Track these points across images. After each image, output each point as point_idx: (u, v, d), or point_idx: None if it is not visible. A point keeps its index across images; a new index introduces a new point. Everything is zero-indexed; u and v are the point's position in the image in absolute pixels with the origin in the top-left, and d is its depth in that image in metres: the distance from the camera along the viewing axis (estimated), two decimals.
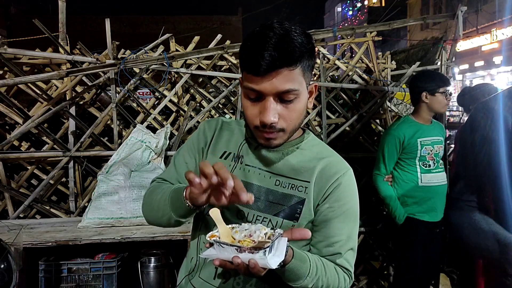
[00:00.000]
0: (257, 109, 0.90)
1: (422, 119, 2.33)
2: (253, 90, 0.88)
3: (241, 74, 0.95)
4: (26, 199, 2.60)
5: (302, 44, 0.86)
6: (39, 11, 15.49)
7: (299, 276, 0.85)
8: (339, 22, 30.27)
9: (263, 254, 0.73)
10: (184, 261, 1.12)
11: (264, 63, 0.83)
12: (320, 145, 1.06)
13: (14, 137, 2.61)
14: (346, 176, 0.99)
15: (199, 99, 2.93)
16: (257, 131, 0.93)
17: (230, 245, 0.75)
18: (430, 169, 2.29)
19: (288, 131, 0.93)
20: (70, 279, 2.25)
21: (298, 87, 0.88)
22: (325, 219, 0.96)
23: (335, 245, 0.95)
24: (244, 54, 0.88)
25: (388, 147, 2.32)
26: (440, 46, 3.03)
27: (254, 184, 0.99)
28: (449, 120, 8.34)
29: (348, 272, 0.97)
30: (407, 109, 3.15)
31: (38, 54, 2.67)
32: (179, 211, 0.90)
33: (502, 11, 12.76)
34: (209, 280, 0.99)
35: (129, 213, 2.36)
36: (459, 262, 2.72)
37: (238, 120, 1.11)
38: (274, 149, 1.00)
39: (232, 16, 15.36)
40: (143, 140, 2.61)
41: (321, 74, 2.95)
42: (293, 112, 0.91)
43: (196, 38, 2.92)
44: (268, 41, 0.83)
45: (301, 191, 0.97)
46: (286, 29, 0.86)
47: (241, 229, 0.80)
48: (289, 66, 0.85)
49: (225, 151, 1.04)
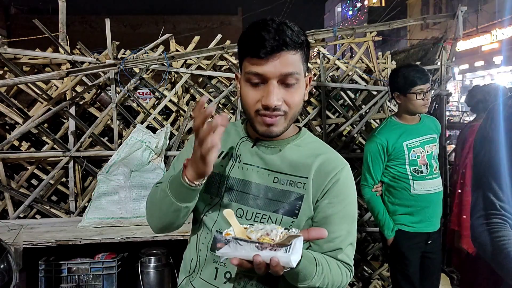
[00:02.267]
0: (259, 94, 0.92)
1: (405, 119, 2.15)
2: (256, 74, 0.90)
3: (240, 65, 0.98)
4: (26, 199, 2.60)
5: (300, 32, 0.92)
6: (39, 11, 15.51)
7: (307, 276, 0.86)
8: (339, 22, 30.27)
9: (285, 252, 0.73)
10: (182, 262, 1.12)
11: (268, 45, 0.87)
12: (317, 141, 1.07)
13: (14, 137, 2.61)
14: (344, 172, 1.00)
15: (199, 99, 2.93)
16: (258, 115, 0.93)
17: (251, 242, 0.75)
18: (423, 176, 2.10)
19: (288, 117, 0.95)
20: (70, 279, 2.25)
21: (299, 71, 0.92)
22: (325, 215, 0.97)
23: (335, 240, 0.96)
24: (246, 40, 0.92)
25: (371, 155, 2.14)
26: (440, 45, 3.03)
27: (253, 182, 1.00)
28: (450, 120, 8.34)
29: (349, 267, 0.98)
30: None
31: (38, 54, 2.67)
32: (181, 195, 0.91)
33: (502, 11, 12.76)
34: (210, 281, 0.99)
35: (129, 213, 2.36)
36: (461, 265, 2.71)
37: (234, 122, 1.12)
38: (271, 146, 1.01)
39: (232, 16, 15.38)
40: (143, 140, 2.61)
41: (321, 74, 2.95)
42: (296, 96, 0.93)
43: (196, 38, 2.92)
44: (270, 28, 0.88)
45: (299, 188, 0.98)
46: (283, 21, 0.92)
47: (256, 229, 0.80)
48: (290, 50, 0.89)
49: (223, 151, 1.05)
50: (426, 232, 2.15)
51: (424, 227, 2.14)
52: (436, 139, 2.18)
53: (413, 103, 2.09)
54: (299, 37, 0.90)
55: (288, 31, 0.89)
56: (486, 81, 13.70)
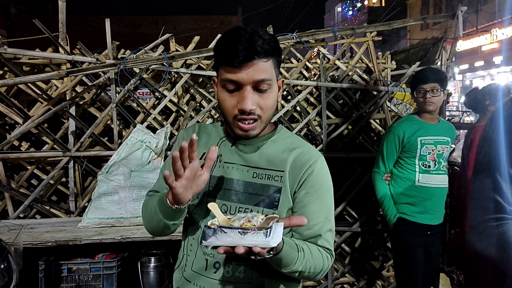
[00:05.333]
0: (235, 100, 0.99)
1: (424, 117, 2.28)
2: (231, 81, 0.97)
3: (216, 71, 1.04)
4: (26, 199, 2.60)
5: (271, 41, 0.98)
6: (39, 11, 15.50)
7: (290, 262, 0.92)
8: (339, 22, 30.27)
9: (264, 236, 0.79)
10: (177, 261, 1.18)
11: (240, 54, 0.94)
12: (292, 136, 1.13)
13: (14, 137, 2.61)
14: (318, 163, 1.06)
15: (199, 99, 2.93)
16: (235, 121, 1.01)
17: (234, 228, 0.80)
18: (429, 170, 2.23)
19: (263, 120, 1.02)
20: (70, 279, 2.25)
21: (271, 77, 0.99)
22: (303, 204, 1.04)
23: (314, 227, 1.03)
24: (221, 50, 0.99)
25: (387, 145, 2.29)
26: (440, 45, 3.03)
27: (234, 179, 1.07)
28: (450, 120, 8.34)
29: (329, 251, 1.05)
30: (407, 109, 3.15)
31: (38, 54, 2.67)
32: (168, 215, 0.99)
33: (502, 11, 12.76)
34: (201, 272, 1.06)
35: (129, 213, 2.36)
36: (466, 265, 2.70)
37: (215, 124, 1.20)
38: (249, 144, 1.08)
39: (232, 16, 15.38)
40: (143, 140, 2.61)
41: (321, 74, 2.95)
42: (268, 100, 1.01)
43: (196, 38, 2.92)
44: (242, 37, 0.95)
45: (277, 181, 1.04)
46: (254, 29, 0.98)
47: (239, 218, 0.85)
48: (262, 58, 0.96)
49: (204, 153, 1.10)
50: (427, 224, 2.24)
51: (424, 219, 2.23)
52: (449, 142, 2.29)
53: (417, 101, 2.27)
54: (269, 45, 0.97)
55: (259, 40, 0.95)
56: (486, 81, 13.71)
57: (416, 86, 2.24)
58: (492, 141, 1.07)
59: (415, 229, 2.23)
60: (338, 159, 2.92)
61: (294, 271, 0.94)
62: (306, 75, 3.14)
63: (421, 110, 2.28)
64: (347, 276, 3.02)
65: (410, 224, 2.23)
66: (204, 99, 2.89)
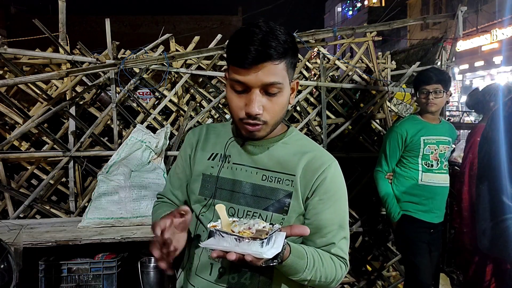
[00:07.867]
0: (242, 101, 0.95)
1: (426, 117, 2.30)
2: (239, 82, 0.93)
3: (227, 68, 0.99)
4: (26, 199, 2.60)
5: (286, 42, 0.92)
6: (39, 11, 15.51)
7: (297, 270, 0.89)
8: (339, 22, 30.27)
9: (259, 245, 0.77)
10: (182, 262, 1.17)
11: (250, 56, 0.88)
12: (304, 139, 1.09)
13: (14, 137, 2.61)
14: (331, 168, 1.02)
15: (199, 99, 2.93)
16: (241, 123, 0.97)
17: (230, 234, 0.79)
18: (432, 169, 2.26)
19: (270, 124, 0.98)
20: (70, 279, 2.25)
21: (281, 81, 0.93)
22: (316, 211, 1.00)
23: (328, 235, 0.99)
24: (231, 48, 0.94)
25: (390, 144, 2.31)
26: (440, 45, 3.03)
27: (243, 181, 1.03)
28: (450, 120, 8.34)
29: (343, 260, 1.01)
30: (407, 109, 3.15)
31: (38, 54, 2.67)
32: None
33: (502, 11, 12.75)
34: (205, 277, 1.03)
35: (129, 213, 2.36)
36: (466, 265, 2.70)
37: (224, 123, 1.17)
38: (259, 144, 1.04)
39: (232, 16, 15.39)
40: (143, 140, 2.61)
41: (321, 74, 2.95)
42: (276, 105, 0.96)
43: (196, 38, 2.92)
44: (255, 37, 0.89)
45: (287, 185, 1.00)
46: (271, 27, 0.91)
47: (241, 223, 0.84)
48: (274, 60, 0.90)
49: (213, 153, 1.09)
50: (429, 222, 2.26)
51: (427, 217, 2.26)
52: (450, 143, 2.32)
53: (420, 102, 2.28)
54: (284, 46, 0.91)
55: (274, 42, 0.89)
56: (486, 81, 13.70)
57: (419, 87, 2.25)
58: (492, 140, 1.07)
59: (419, 225, 2.26)
60: (338, 159, 2.91)
61: (303, 279, 0.92)
62: (306, 75, 3.14)
63: (423, 110, 2.30)
64: (347, 276, 3.02)
65: (414, 221, 2.26)
66: (204, 99, 2.89)
